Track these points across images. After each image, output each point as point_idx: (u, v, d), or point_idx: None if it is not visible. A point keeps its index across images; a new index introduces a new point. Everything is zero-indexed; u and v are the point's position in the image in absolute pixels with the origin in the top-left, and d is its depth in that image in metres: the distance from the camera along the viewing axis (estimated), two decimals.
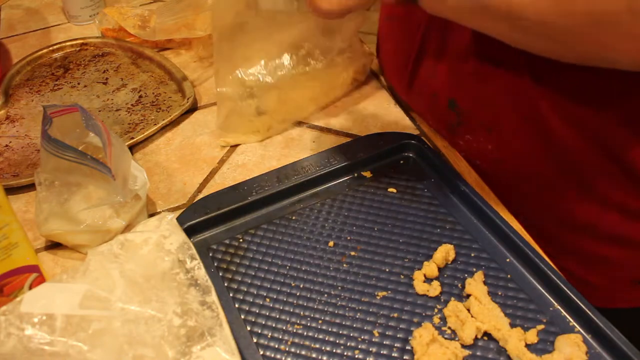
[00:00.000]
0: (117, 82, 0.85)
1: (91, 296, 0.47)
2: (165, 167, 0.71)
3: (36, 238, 0.62)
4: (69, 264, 0.61)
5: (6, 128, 0.78)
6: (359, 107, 0.79)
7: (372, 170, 0.67)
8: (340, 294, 0.56)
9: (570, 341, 0.50)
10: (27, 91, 0.84)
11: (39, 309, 0.45)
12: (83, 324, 0.46)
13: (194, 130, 0.77)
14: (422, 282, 0.56)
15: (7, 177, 0.70)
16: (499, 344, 0.51)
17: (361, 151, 0.68)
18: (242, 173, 0.70)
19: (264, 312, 0.54)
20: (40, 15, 1.02)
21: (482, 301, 0.53)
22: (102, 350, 0.45)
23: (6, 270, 0.52)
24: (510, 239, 0.58)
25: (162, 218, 0.57)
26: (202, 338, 0.48)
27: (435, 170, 0.66)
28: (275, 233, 0.61)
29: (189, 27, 0.89)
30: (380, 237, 0.60)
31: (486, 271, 0.56)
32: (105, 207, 0.59)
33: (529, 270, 0.56)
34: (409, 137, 0.69)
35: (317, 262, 0.58)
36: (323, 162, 0.67)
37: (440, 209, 0.63)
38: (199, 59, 0.89)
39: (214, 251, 0.60)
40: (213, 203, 0.63)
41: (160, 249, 0.53)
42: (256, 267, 0.58)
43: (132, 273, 0.51)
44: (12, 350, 0.43)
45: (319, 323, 0.53)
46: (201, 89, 0.84)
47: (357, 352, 0.51)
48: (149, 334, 0.47)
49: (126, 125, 0.77)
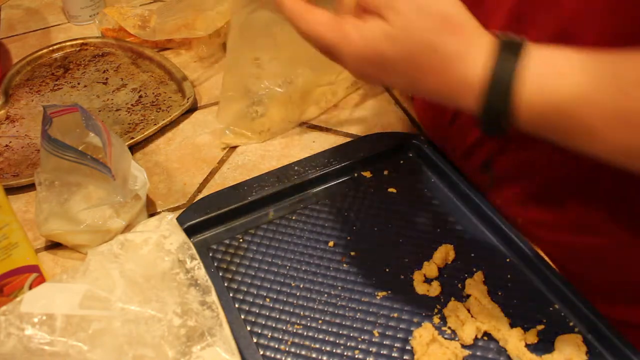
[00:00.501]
0: (117, 82, 0.85)
1: (91, 296, 0.47)
2: (165, 167, 0.71)
3: (36, 238, 0.62)
4: (69, 264, 0.61)
5: (6, 128, 0.78)
6: (359, 107, 0.79)
7: (372, 171, 0.67)
8: (340, 294, 0.56)
9: (571, 341, 0.50)
10: (27, 91, 0.84)
11: (39, 309, 0.45)
12: (83, 324, 0.46)
13: (194, 130, 0.77)
14: (422, 282, 0.56)
15: (7, 177, 0.70)
16: (499, 344, 0.51)
17: (361, 151, 0.68)
18: (242, 173, 0.70)
19: (264, 312, 0.54)
20: (40, 15, 1.02)
21: (482, 301, 0.53)
22: (102, 350, 0.45)
23: (6, 270, 0.52)
24: (510, 239, 0.58)
25: (162, 218, 0.57)
26: (202, 338, 0.48)
27: (435, 171, 0.66)
28: (275, 233, 0.61)
29: (189, 27, 0.89)
30: (380, 237, 0.60)
31: (486, 271, 0.56)
32: (105, 207, 0.59)
33: (529, 270, 0.56)
34: (409, 137, 0.70)
35: (317, 262, 0.58)
36: (323, 162, 0.67)
37: (440, 209, 0.63)
38: (199, 59, 0.89)
39: (214, 251, 0.60)
40: (213, 203, 0.63)
41: (160, 249, 0.53)
42: (256, 267, 0.58)
43: (132, 273, 0.51)
44: (12, 350, 0.43)
45: (319, 323, 0.53)
46: (201, 89, 0.84)
47: (357, 352, 0.51)
48: (149, 334, 0.47)
49: (126, 125, 0.77)
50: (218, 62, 0.89)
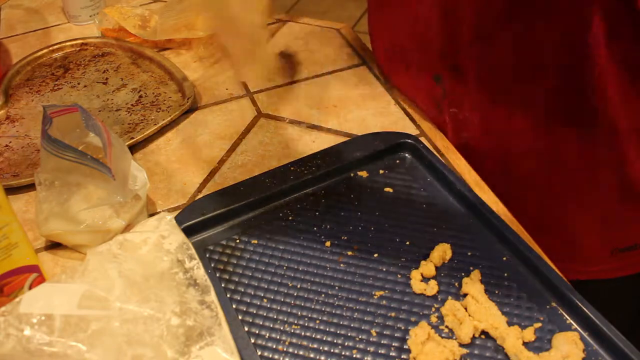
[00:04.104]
0: (117, 82, 0.85)
1: (90, 296, 0.48)
2: (165, 167, 0.72)
3: (36, 238, 0.63)
4: (69, 264, 0.61)
5: (6, 128, 0.78)
6: (358, 107, 0.79)
7: (369, 170, 0.68)
8: (338, 294, 0.56)
9: (568, 339, 0.51)
10: (27, 91, 0.84)
11: (38, 310, 0.46)
12: (82, 324, 0.46)
13: (194, 130, 0.77)
14: (419, 282, 0.56)
15: (7, 177, 0.70)
16: (497, 342, 0.51)
17: (357, 151, 0.68)
18: (242, 173, 0.70)
19: (262, 313, 0.55)
20: (40, 15, 1.03)
21: (479, 300, 0.53)
22: (100, 351, 0.45)
23: (6, 270, 0.52)
24: (507, 237, 0.58)
25: (161, 218, 0.57)
26: (201, 337, 0.48)
27: (432, 170, 0.66)
28: (272, 233, 0.61)
29: (190, 27, 0.89)
30: (377, 237, 0.61)
31: (483, 270, 0.56)
32: (105, 207, 0.60)
33: (526, 268, 0.56)
34: (405, 137, 0.70)
35: (314, 262, 0.58)
36: (319, 162, 0.67)
37: (437, 208, 0.63)
38: (199, 59, 0.89)
39: (211, 252, 0.60)
40: (210, 204, 0.63)
41: (159, 249, 0.54)
42: (253, 268, 0.58)
43: (131, 273, 0.51)
44: (12, 351, 0.44)
45: (316, 323, 0.54)
46: (201, 89, 0.84)
47: (354, 352, 0.51)
48: (148, 333, 0.47)
49: (126, 125, 0.77)
50: (218, 62, 0.89)
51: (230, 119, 0.79)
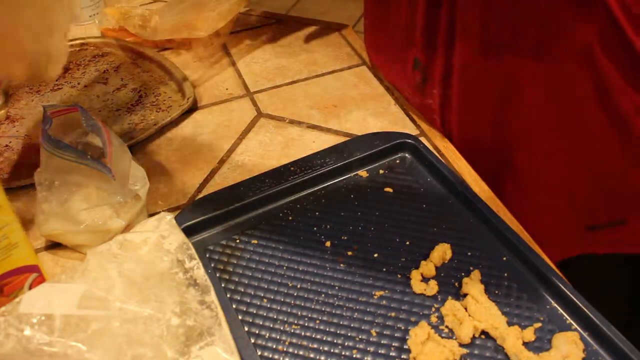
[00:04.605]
0: (117, 82, 0.85)
1: (90, 296, 0.48)
2: (165, 167, 0.72)
3: (36, 238, 0.63)
4: (69, 264, 0.61)
5: (6, 128, 0.78)
6: (358, 107, 0.79)
7: (369, 170, 0.68)
8: (338, 294, 0.56)
9: (568, 339, 0.51)
10: (27, 91, 0.84)
11: (38, 310, 0.46)
12: (82, 324, 0.46)
13: (194, 130, 0.77)
14: (419, 282, 0.56)
15: (7, 177, 0.70)
16: (497, 342, 0.51)
17: (357, 151, 0.68)
18: (242, 173, 0.70)
19: (262, 313, 0.55)
20: None
21: (479, 300, 0.53)
22: (100, 351, 0.45)
23: (6, 270, 0.52)
24: (507, 237, 0.58)
25: (161, 218, 0.57)
26: (201, 337, 0.48)
27: (431, 170, 0.67)
28: (272, 233, 0.61)
29: (190, 28, 0.89)
30: (377, 237, 0.61)
31: (483, 270, 0.56)
32: (105, 207, 0.60)
33: (526, 268, 0.56)
34: (405, 137, 0.70)
35: (314, 262, 0.58)
36: (319, 162, 0.67)
37: (437, 208, 0.63)
38: (199, 59, 0.89)
39: (210, 252, 0.60)
40: (210, 204, 0.63)
41: (159, 249, 0.54)
42: (253, 268, 0.58)
43: (131, 273, 0.51)
44: (12, 351, 0.44)
45: (316, 323, 0.54)
46: (201, 89, 0.84)
47: (354, 352, 0.51)
48: (148, 333, 0.47)
49: (126, 125, 0.77)
50: (218, 62, 0.89)
51: (230, 119, 0.79)
